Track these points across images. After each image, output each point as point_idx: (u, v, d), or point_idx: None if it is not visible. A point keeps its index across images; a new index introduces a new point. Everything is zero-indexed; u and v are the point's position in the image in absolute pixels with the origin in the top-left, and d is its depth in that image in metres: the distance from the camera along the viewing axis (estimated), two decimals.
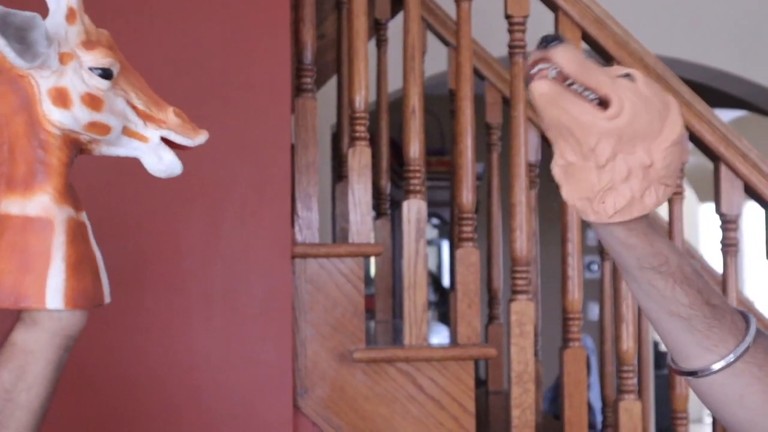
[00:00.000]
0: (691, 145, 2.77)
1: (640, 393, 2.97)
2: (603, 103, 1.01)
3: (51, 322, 1.08)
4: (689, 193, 9.48)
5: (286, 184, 2.37)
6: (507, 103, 3.31)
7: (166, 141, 1.12)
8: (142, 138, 1.12)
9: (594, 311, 6.66)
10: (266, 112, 2.37)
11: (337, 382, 2.42)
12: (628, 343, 2.65)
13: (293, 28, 2.55)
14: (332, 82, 3.69)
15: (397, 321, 3.53)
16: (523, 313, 2.55)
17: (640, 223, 1.05)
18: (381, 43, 3.40)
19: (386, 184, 3.34)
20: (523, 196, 2.57)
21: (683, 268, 1.07)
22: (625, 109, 1.00)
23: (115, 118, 1.09)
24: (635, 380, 2.67)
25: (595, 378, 4.61)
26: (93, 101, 1.07)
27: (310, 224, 2.50)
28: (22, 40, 1.03)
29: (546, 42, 1.01)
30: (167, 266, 2.30)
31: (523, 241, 2.58)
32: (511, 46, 2.65)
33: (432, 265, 8.30)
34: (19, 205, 1.07)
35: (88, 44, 1.08)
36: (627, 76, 1.04)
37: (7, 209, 1.07)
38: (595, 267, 7.01)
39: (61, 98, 1.06)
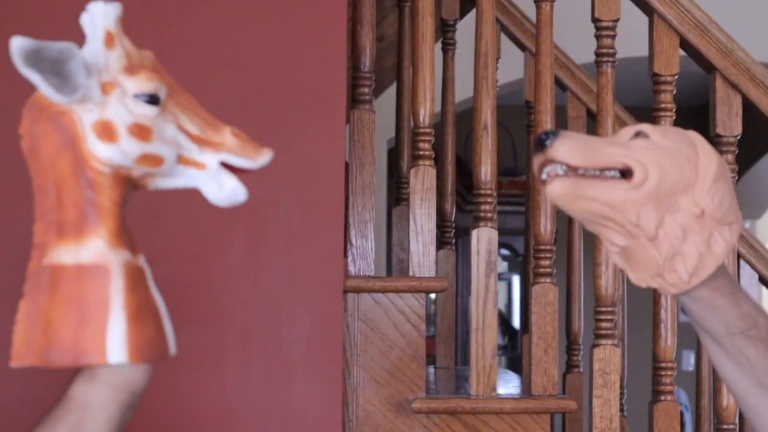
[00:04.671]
0: None
1: None
2: (625, 174, 1.06)
3: (112, 377, 1.11)
4: None
5: (338, 208, 2.41)
6: (592, 116, 3.34)
7: (225, 165, 1.14)
8: (198, 165, 1.14)
9: (689, 361, 6.63)
10: (318, 125, 2.41)
11: None
12: (729, 399, 2.66)
13: (350, 30, 2.59)
14: (390, 91, 3.74)
15: (461, 368, 3.56)
16: (607, 360, 2.57)
17: (723, 281, 1.09)
18: (448, 48, 3.45)
19: (451, 210, 3.37)
20: None
21: None
22: (649, 171, 1.05)
23: (167, 147, 1.11)
24: None
25: None
26: (141, 131, 1.09)
27: (365, 254, 2.53)
28: (59, 73, 1.05)
29: (540, 143, 1.07)
30: (201, 299, 2.34)
31: (609, 278, 2.60)
32: (598, 54, 2.68)
33: (501, 304, 8.29)
34: (72, 253, 1.09)
35: (131, 69, 1.10)
36: (638, 134, 1.08)
37: (59, 259, 1.10)
38: None
39: (106, 132, 1.08)
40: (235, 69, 2.39)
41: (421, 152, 2.58)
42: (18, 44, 1.04)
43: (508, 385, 3.09)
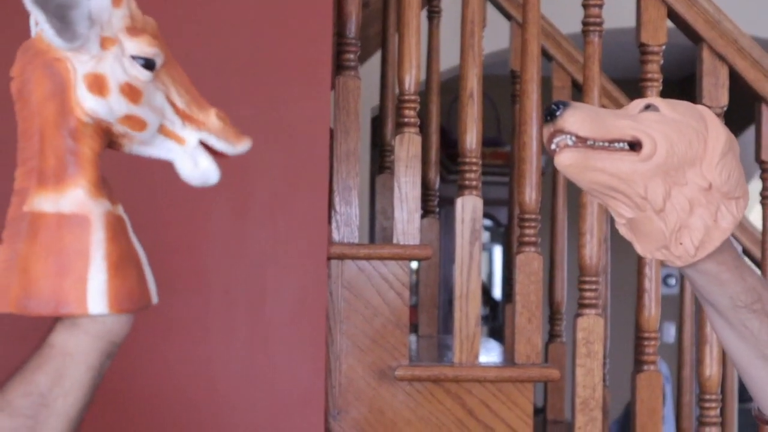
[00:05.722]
0: None
1: (723, 427, 2.98)
2: (635, 146, 1.06)
3: (93, 326, 1.12)
4: None
5: (323, 175, 2.40)
6: (577, 87, 3.34)
7: (204, 146, 1.16)
8: (178, 139, 1.15)
9: (669, 332, 6.66)
10: (302, 91, 2.40)
11: (376, 403, 2.45)
12: (711, 369, 2.67)
13: None
14: (374, 59, 3.73)
15: (443, 336, 3.56)
16: (591, 330, 2.57)
17: (729, 255, 1.10)
18: (434, 15, 3.43)
19: (435, 178, 3.37)
20: None
21: None
22: (658, 143, 1.06)
23: (152, 114, 1.13)
24: (718, 411, 2.69)
25: (669, 409, 4.61)
26: (132, 92, 1.10)
27: (349, 221, 2.53)
28: (62, 17, 1.06)
29: (550, 114, 1.07)
30: (185, 264, 2.34)
31: (594, 247, 2.61)
32: (585, 23, 2.67)
33: (482, 274, 8.30)
34: (51, 202, 1.10)
35: (133, 31, 1.11)
36: (648, 107, 1.09)
37: (39, 207, 1.10)
38: (672, 281, 7.00)
39: (97, 85, 1.09)
40: (220, 34, 2.38)
41: (406, 119, 2.57)
42: None
43: (491, 354, 3.10)
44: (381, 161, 3.25)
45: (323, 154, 2.41)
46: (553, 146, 1.08)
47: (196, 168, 1.15)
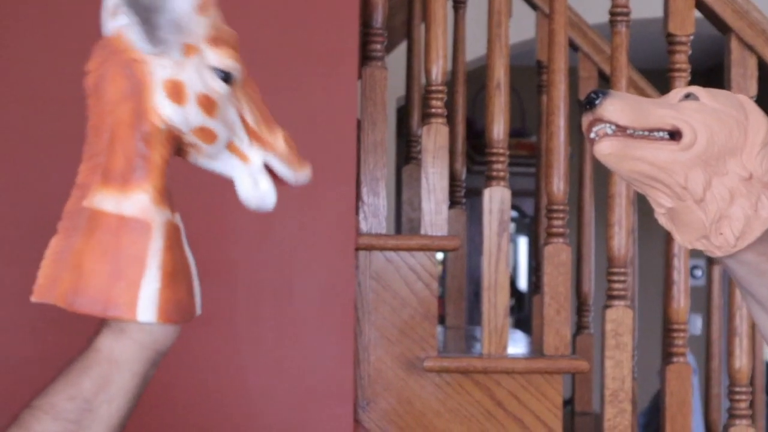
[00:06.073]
0: None
1: (753, 419, 2.96)
2: (674, 135, 1.05)
3: (141, 334, 1.11)
4: None
5: (350, 166, 2.40)
6: (604, 78, 3.32)
7: (266, 168, 1.15)
8: (243, 157, 1.14)
9: (695, 324, 6.63)
10: (329, 82, 2.40)
11: (404, 394, 2.45)
12: (741, 360, 2.65)
13: None
14: (400, 49, 3.72)
15: (470, 327, 3.56)
16: (620, 321, 2.56)
17: None
18: (459, 6, 3.42)
19: (461, 169, 3.36)
20: (623, 186, 2.58)
21: None
22: (699, 133, 1.05)
23: (224, 128, 1.12)
24: (749, 403, 2.68)
25: (696, 401, 4.60)
26: (208, 104, 1.10)
27: (377, 212, 2.53)
28: (147, 21, 1.05)
29: (590, 102, 1.06)
30: (213, 255, 2.33)
31: (622, 238, 2.59)
32: (613, 13, 2.66)
33: None
34: (114, 202, 1.09)
35: (215, 41, 1.11)
36: (688, 96, 1.08)
37: (100, 204, 1.09)
38: (699, 273, 6.97)
39: (176, 92, 1.08)
40: (246, 26, 2.37)
41: (433, 110, 2.56)
42: None
43: (518, 345, 3.09)
44: (407, 152, 3.25)
45: (351, 145, 2.41)
46: (592, 135, 1.07)
47: (256, 189, 1.15)
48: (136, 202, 1.09)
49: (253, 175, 1.14)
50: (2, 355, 2.22)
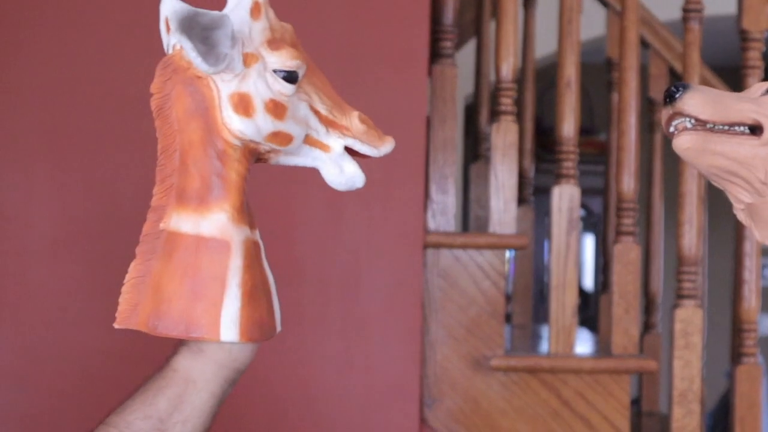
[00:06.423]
0: None
1: None
2: (755, 130, 1.04)
3: (220, 354, 1.11)
4: None
5: (419, 163, 2.40)
6: (675, 75, 3.29)
7: (348, 150, 1.14)
8: (323, 147, 1.13)
9: (764, 324, 6.55)
10: (399, 79, 2.40)
11: (470, 393, 2.44)
12: None
13: None
14: (468, 47, 3.71)
15: (536, 326, 3.54)
16: (689, 321, 2.54)
17: None
18: (530, 3, 3.41)
19: (530, 167, 3.34)
20: (694, 184, 2.56)
21: None
22: None
23: (297, 126, 1.10)
24: None
25: (766, 402, 4.55)
26: (276, 108, 1.08)
27: (445, 210, 2.52)
28: (206, 40, 1.04)
29: (670, 96, 1.05)
30: (280, 253, 2.32)
31: (693, 237, 2.57)
32: (686, 9, 2.63)
33: None
34: (192, 223, 1.09)
35: (274, 43, 1.09)
36: None
37: (177, 226, 1.09)
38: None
39: (243, 105, 1.07)
40: (317, 24, 2.38)
41: (503, 107, 2.55)
42: (174, 8, 1.03)
43: (585, 344, 3.08)
44: (475, 149, 3.24)
45: (420, 142, 2.40)
46: (671, 129, 1.06)
47: (342, 174, 1.14)
48: (214, 222, 1.09)
49: (336, 161, 1.13)
50: (73, 348, 2.24)
